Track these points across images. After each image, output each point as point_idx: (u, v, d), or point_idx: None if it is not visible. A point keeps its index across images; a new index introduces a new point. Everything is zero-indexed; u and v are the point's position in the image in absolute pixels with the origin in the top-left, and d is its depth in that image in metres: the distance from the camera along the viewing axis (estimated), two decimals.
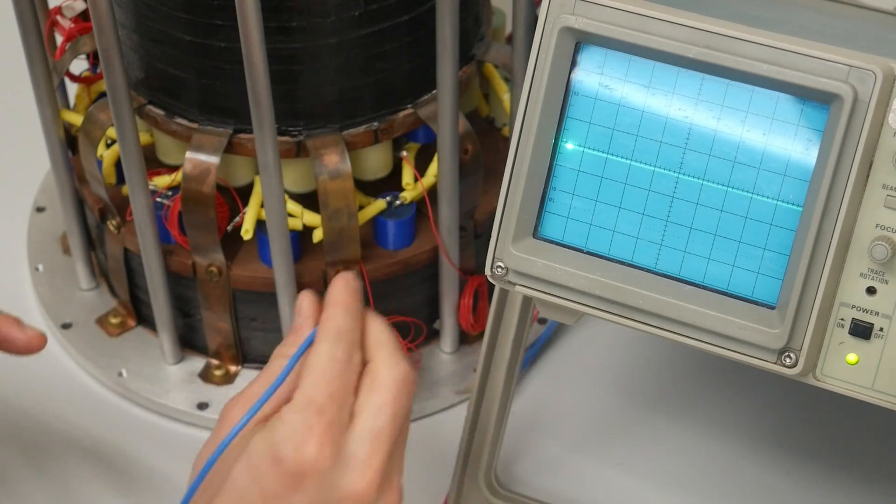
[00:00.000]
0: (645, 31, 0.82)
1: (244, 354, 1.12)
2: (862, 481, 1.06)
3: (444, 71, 0.97)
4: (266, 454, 0.83)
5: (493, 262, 0.88)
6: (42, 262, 1.21)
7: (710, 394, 1.11)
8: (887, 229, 0.81)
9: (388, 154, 1.07)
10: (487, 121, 1.16)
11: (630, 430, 1.09)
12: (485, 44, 1.09)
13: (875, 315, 0.82)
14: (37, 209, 1.25)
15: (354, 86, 1.01)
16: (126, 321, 1.16)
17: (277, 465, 0.83)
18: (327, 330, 0.85)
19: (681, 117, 0.83)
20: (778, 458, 1.07)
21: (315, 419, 0.82)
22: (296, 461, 0.82)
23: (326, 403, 0.82)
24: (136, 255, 1.09)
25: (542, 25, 0.85)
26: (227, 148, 1.02)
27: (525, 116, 0.86)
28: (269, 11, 0.93)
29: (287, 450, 0.82)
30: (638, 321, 0.86)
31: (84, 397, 1.12)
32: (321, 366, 0.84)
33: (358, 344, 0.86)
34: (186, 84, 1.02)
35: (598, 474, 1.07)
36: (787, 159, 0.82)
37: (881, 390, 0.83)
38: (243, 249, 1.08)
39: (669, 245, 0.85)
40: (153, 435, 1.10)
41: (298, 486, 0.83)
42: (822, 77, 0.79)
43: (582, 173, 0.86)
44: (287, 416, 0.83)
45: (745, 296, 0.83)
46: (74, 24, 1.09)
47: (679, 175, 0.84)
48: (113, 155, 1.09)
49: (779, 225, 0.82)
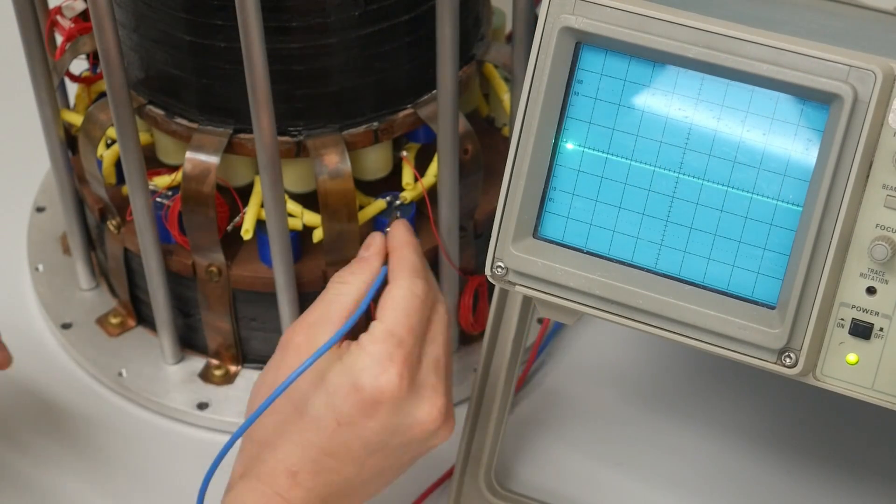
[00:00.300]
0: (645, 31, 0.82)
1: (244, 354, 1.12)
2: (862, 481, 1.06)
3: (444, 71, 0.97)
4: (345, 383, 0.88)
5: (493, 262, 0.88)
6: (42, 262, 1.21)
7: (710, 394, 1.11)
8: (887, 229, 0.81)
9: (388, 154, 1.07)
10: (487, 121, 1.16)
11: (630, 430, 1.09)
12: (485, 44, 1.08)
13: (875, 315, 0.82)
14: (37, 209, 1.25)
15: (354, 86, 1.01)
16: (126, 321, 1.16)
17: (356, 393, 0.88)
18: (404, 268, 0.93)
19: (681, 117, 0.83)
20: (778, 458, 1.07)
21: (396, 351, 0.89)
22: (374, 389, 0.88)
23: (405, 337, 0.89)
24: (136, 255, 1.08)
25: (542, 25, 0.85)
26: (227, 148, 1.02)
27: (525, 116, 0.86)
28: (269, 11, 0.93)
29: (367, 379, 0.88)
30: (638, 321, 0.86)
31: (84, 397, 1.12)
32: (403, 301, 0.91)
33: (431, 282, 0.94)
34: (186, 84, 1.02)
35: (598, 474, 1.07)
36: (787, 159, 0.82)
37: (881, 390, 0.83)
38: (243, 249, 1.08)
39: (669, 245, 0.85)
40: (153, 435, 1.10)
41: (373, 413, 0.89)
42: (821, 77, 0.79)
43: (582, 173, 0.86)
44: (368, 347, 0.89)
45: (745, 296, 0.83)
46: (74, 24, 1.09)
47: (679, 175, 0.84)
48: (113, 155, 1.09)
49: (779, 225, 0.82)
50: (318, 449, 0.90)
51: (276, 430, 0.91)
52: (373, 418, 0.89)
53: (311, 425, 0.90)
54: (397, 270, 0.93)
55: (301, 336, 0.92)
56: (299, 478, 0.90)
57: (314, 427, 0.90)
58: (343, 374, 0.89)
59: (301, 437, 0.90)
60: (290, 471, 0.89)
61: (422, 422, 0.90)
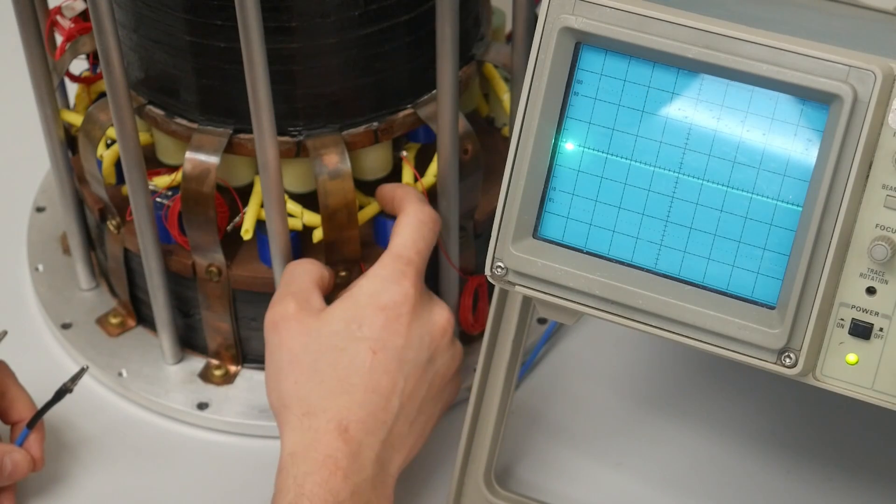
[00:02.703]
0: (645, 31, 0.82)
1: (244, 354, 1.12)
2: (862, 481, 1.06)
3: (444, 71, 0.97)
4: (368, 310, 0.95)
5: (493, 262, 0.88)
6: (42, 262, 1.21)
7: (710, 394, 1.11)
8: (887, 229, 0.81)
9: (388, 154, 1.07)
10: (487, 121, 1.16)
11: (630, 430, 1.09)
12: (485, 44, 1.09)
13: (875, 315, 0.82)
14: (37, 209, 1.25)
15: (354, 86, 1.01)
16: (126, 321, 1.16)
17: (381, 312, 0.95)
18: (410, 198, 1.01)
19: (681, 117, 0.83)
20: (777, 458, 1.07)
21: (406, 268, 0.97)
22: (394, 303, 0.96)
23: (413, 257, 0.98)
24: (136, 255, 1.09)
25: (541, 25, 0.85)
26: (227, 148, 1.02)
27: (525, 116, 0.86)
28: (268, 11, 0.93)
29: (386, 297, 0.96)
30: (638, 321, 0.86)
31: (84, 397, 1.12)
32: (410, 227, 0.98)
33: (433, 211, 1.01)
34: (186, 84, 1.02)
35: (598, 474, 1.07)
36: (786, 159, 0.82)
37: (881, 390, 0.83)
38: (243, 249, 1.08)
39: (669, 245, 0.85)
40: (153, 435, 1.10)
41: (398, 327, 0.95)
42: (821, 77, 0.79)
43: (582, 173, 0.86)
44: (380, 272, 0.97)
45: (744, 296, 0.83)
46: (74, 24, 1.09)
47: (679, 175, 0.84)
48: (113, 155, 1.09)
49: (779, 225, 0.82)
50: (362, 389, 0.93)
51: (320, 393, 0.93)
52: (400, 333, 0.95)
53: (350, 367, 0.94)
54: (405, 201, 1.00)
55: (292, 305, 0.97)
56: (351, 431, 0.92)
57: (353, 368, 0.94)
58: (362, 305, 0.95)
59: (344, 384, 0.93)
60: (340, 426, 0.92)
61: (440, 323, 0.98)
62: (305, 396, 0.93)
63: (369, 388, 0.93)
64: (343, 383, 0.93)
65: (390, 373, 0.94)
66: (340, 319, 0.95)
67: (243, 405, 1.10)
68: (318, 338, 0.95)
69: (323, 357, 0.94)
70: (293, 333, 0.95)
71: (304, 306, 0.96)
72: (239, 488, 1.06)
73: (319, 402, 0.93)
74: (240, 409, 1.10)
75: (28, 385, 1.05)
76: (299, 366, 0.94)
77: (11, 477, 1.01)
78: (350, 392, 0.93)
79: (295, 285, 0.98)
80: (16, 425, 1.03)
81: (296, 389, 0.94)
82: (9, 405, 1.03)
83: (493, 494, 1.02)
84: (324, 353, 0.94)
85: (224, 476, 1.07)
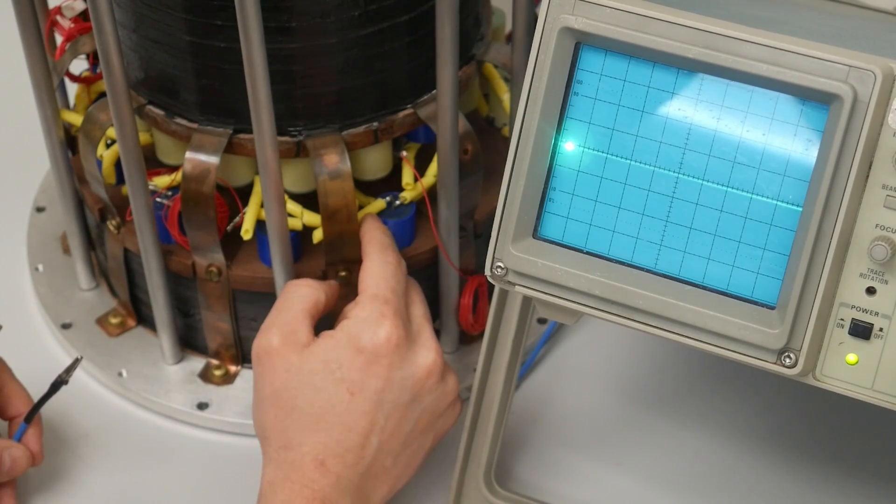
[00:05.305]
0: (645, 32, 0.82)
1: (244, 354, 1.12)
2: (862, 481, 1.06)
3: (444, 71, 0.97)
4: (347, 352, 0.94)
5: (493, 262, 0.88)
6: (42, 262, 1.21)
7: (710, 394, 1.11)
8: (887, 229, 0.81)
9: (388, 154, 1.07)
10: (487, 121, 1.16)
11: (630, 430, 1.09)
12: (485, 44, 1.08)
13: (875, 315, 0.82)
14: (37, 209, 1.25)
15: (354, 86, 1.01)
16: (126, 321, 1.16)
17: (359, 355, 0.94)
18: (374, 243, 1.00)
19: (681, 117, 0.83)
20: (778, 458, 1.07)
21: (384, 308, 0.95)
22: (374, 345, 0.93)
23: (390, 296, 0.96)
24: (136, 255, 1.09)
25: (541, 25, 0.85)
26: (227, 148, 1.02)
27: (525, 116, 0.86)
28: (268, 11, 0.93)
29: (366, 338, 0.94)
30: (638, 321, 0.86)
31: (84, 397, 1.12)
32: (378, 269, 0.97)
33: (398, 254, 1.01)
34: (186, 84, 1.02)
35: (598, 474, 1.07)
36: (786, 159, 0.82)
37: (881, 390, 0.83)
38: (243, 249, 1.08)
39: (669, 245, 0.85)
40: (153, 435, 1.10)
41: (379, 370, 0.94)
42: (821, 77, 0.79)
43: (582, 173, 0.86)
44: (358, 314, 0.95)
45: (744, 296, 0.83)
46: (74, 24, 1.09)
47: (679, 175, 0.84)
48: (113, 155, 1.09)
49: (778, 225, 0.82)
50: (339, 427, 0.92)
51: (297, 428, 0.93)
52: (380, 376, 0.93)
53: (326, 406, 0.93)
54: (368, 247, 1.00)
55: (276, 338, 0.95)
56: (328, 465, 0.91)
57: (330, 407, 0.93)
58: (342, 346, 0.94)
59: (321, 423, 0.92)
60: (317, 460, 0.92)
61: (424, 367, 0.95)
62: (283, 431, 0.93)
63: (346, 428, 0.93)
64: (320, 422, 0.93)
65: (368, 413, 0.93)
66: (320, 360, 0.94)
67: (243, 405, 1.10)
68: (297, 375, 0.94)
69: (301, 395, 0.94)
70: (275, 368, 0.95)
71: (288, 340, 0.95)
72: (239, 488, 1.06)
73: (296, 436, 0.93)
74: (240, 409, 1.10)
75: (28, 385, 1.05)
76: (279, 400, 0.94)
77: (11, 472, 1.01)
78: (327, 430, 0.93)
79: (283, 315, 0.97)
80: (13, 420, 1.03)
81: (275, 423, 0.94)
82: (6, 400, 1.03)
83: (493, 494, 1.02)
84: (302, 391, 0.94)
85: (224, 476, 1.07)
